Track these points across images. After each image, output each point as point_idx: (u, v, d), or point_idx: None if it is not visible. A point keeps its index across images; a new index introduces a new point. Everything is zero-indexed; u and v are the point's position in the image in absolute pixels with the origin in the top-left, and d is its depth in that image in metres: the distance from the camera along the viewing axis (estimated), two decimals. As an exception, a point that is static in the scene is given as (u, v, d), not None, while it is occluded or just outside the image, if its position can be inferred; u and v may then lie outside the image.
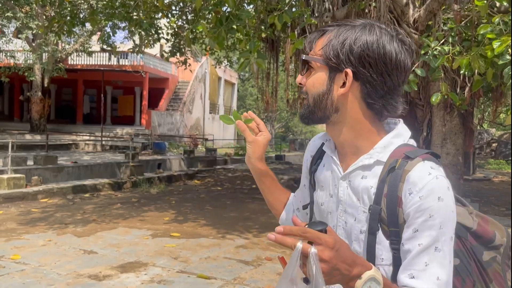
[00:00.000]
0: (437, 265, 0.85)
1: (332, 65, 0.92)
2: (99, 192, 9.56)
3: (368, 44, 0.90)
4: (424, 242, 0.86)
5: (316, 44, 0.95)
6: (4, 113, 25.56)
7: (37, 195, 8.41)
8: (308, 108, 0.97)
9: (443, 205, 0.86)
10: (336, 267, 0.77)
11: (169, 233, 6.16)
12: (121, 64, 21.34)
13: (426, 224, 0.86)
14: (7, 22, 13.81)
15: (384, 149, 0.93)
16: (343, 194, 0.97)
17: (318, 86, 0.94)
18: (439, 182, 0.87)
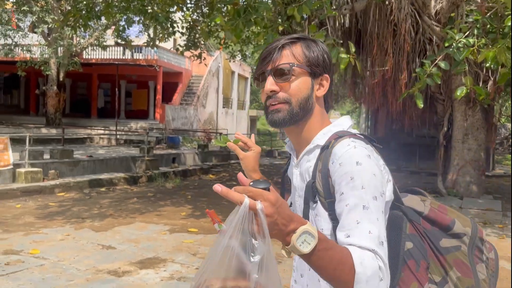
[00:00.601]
0: (367, 221, 0.92)
1: (316, 71, 1.07)
2: (115, 186, 9.57)
3: (327, 54, 1.10)
4: (350, 202, 0.94)
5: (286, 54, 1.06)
6: (20, 107, 25.82)
7: (54, 189, 8.44)
8: (292, 112, 1.05)
9: (362, 169, 0.95)
10: (276, 221, 0.81)
11: (186, 229, 6.11)
12: (135, 58, 21.34)
13: (349, 186, 0.95)
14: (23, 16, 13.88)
15: (324, 136, 1.07)
16: (295, 181, 1.12)
17: (304, 91, 1.06)
18: (357, 150, 0.97)
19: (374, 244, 0.90)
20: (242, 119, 31.45)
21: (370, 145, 1.02)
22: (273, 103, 1.07)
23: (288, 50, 1.07)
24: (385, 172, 1.02)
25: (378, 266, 0.88)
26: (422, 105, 5.89)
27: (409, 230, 1.04)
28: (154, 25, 11.29)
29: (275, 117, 1.06)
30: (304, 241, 0.83)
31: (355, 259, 0.87)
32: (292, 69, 1.05)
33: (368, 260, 0.88)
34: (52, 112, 18.22)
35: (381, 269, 0.88)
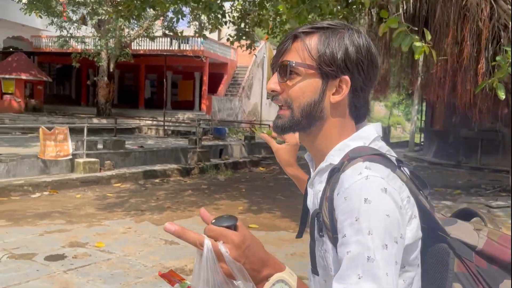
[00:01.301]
0: (370, 278, 0.71)
1: (327, 72, 0.84)
2: (168, 178, 9.55)
3: (361, 48, 0.85)
4: (352, 250, 0.73)
5: (297, 47, 0.86)
6: (72, 97, 26.67)
7: (111, 179, 8.50)
8: (293, 119, 0.86)
9: (371, 208, 0.74)
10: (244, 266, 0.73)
11: (246, 225, 5.91)
12: (182, 49, 21.42)
13: (353, 228, 0.74)
14: (77, 8, 14.13)
15: (338, 152, 0.85)
16: (309, 200, 0.92)
17: (310, 95, 0.86)
18: (369, 182, 0.75)
19: None
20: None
21: (391, 171, 0.79)
22: (278, 104, 0.89)
23: (300, 43, 0.86)
24: (408, 207, 0.79)
25: None
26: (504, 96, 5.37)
27: (457, 268, 0.83)
28: (206, 14, 11.15)
29: (275, 123, 0.89)
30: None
31: None
32: (292, 68, 0.85)
33: None
34: (103, 102, 18.62)
35: None
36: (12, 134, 13.77)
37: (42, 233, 5.14)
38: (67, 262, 4.24)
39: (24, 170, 9.35)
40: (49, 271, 3.98)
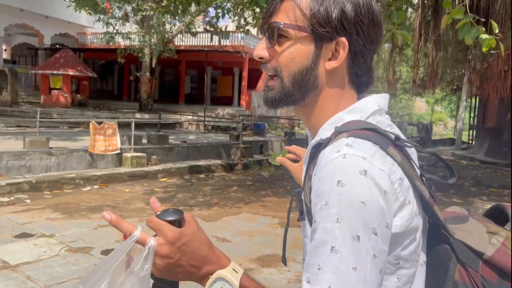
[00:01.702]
0: (331, 270, 0.62)
1: (321, 33, 0.73)
2: (213, 173, 9.54)
3: (360, 6, 0.73)
4: (317, 237, 0.64)
5: (286, 6, 0.75)
6: (114, 93, 27.34)
7: (157, 174, 8.57)
8: (283, 90, 0.77)
9: (343, 192, 0.63)
10: (178, 263, 0.68)
11: (297, 223, 5.77)
12: (222, 44, 21.46)
13: (321, 214, 0.64)
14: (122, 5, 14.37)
15: (331, 126, 0.74)
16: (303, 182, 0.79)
17: (301, 60, 0.75)
18: (346, 161, 0.64)
19: None
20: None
21: (379, 148, 0.67)
22: (268, 74, 0.79)
23: (291, 1, 0.75)
24: (400, 191, 0.67)
25: None
26: None
27: (459, 276, 0.71)
28: (251, 9, 11.05)
29: (265, 96, 0.80)
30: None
31: None
32: (281, 30, 0.75)
33: None
34: (145, 97, 18.92)
35: None
36: (60, 128, 14.22)
37: (96, 226, 5.20)
38: (123, 257, 4.24)
39: (73, 164, 9.60)
40: None
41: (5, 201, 6.14)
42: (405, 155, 0.71)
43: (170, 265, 0.68)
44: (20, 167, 8.70)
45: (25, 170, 8.76)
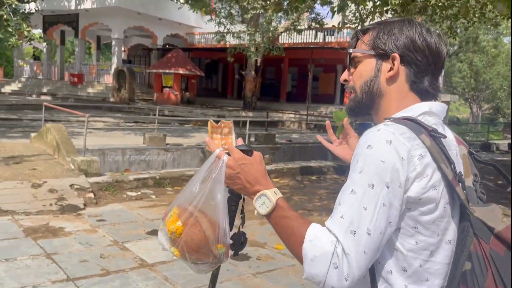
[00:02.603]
0: (346, 205, 0.85)
1: (379, 52, 0.99)
2: (324, 175, 9.20)
3: (411, 34, 0.98)
4: (345, 185, 0.89)
5: (360, 41, 1.02)
6: (218, 91, 28.27)
7: (270, 174, 8.41)
8: (356, 99, 1.02)
9: (369, 152, 0.87)
10: (238, 176, 0.98)
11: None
12: (327, 41, 20.94)
13: (352, 167, 0.89)
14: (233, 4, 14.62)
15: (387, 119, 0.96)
16: None
17: (366, 74, 1.00)
18: (379, 132, 0.88)
19: (340, 230, 0.84)
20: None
21: (413, 132, 0.88)
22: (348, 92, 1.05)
23: (364, 36, 1.03)
24: (418, 164, 0.86)
25: (333, 251, 0.83)
26: None
27: (473, 247, 0.87)
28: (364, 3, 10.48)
29: (346, 107, 1.07)
30: (263, 203, 0.95)
31: (307, 234, 0.86)
32: (354, 56, 1.03)
33: (322, 241, 0.84)
34: (249, 96, 19.17)
35: (337, 256, 0.82)
36: (171, 125, 14.95)
37: (219, 227, 5.16)
38: (253, 264, 4.10)
39: (187, 160, 9.93)
40: (239, 273, 3.87)
41: (133, 196, 6.43)
42: (437, 144, 0.88)
43: (232, 175, 0.97)
44: (140, 162, 9.19)
45: (144, 165, 9.24)
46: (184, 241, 1.00)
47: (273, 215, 0.94)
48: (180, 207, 1.03)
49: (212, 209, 1.00)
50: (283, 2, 9.78)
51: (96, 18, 22.37)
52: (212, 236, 1.00)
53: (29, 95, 22.50)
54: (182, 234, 1.00)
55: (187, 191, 1.02)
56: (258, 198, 0.96)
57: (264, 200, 0.95)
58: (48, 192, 5.62)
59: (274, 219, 0.94)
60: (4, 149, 7.35)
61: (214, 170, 0.99)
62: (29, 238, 4.33)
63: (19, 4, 12.36)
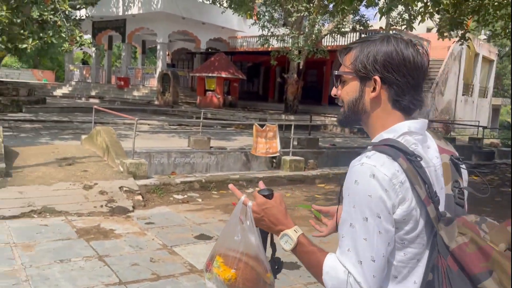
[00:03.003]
0: (349, 238, 1.01)
1: (361, 75, 1.10)
2: (371, 182, 8.92)
3: (388, 53, 1.07)
4: (343, 217, 1.04)
5: (344, 60, 1.13)
6: (259, 94, 28.29)
7: (315, 179, 8.30)
8: (344, 114, 1.15)
9: (357, 188, 1.00)
10: (262, 218, 1.15)
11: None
12: (371, 43, 20.43)
13: (345, 202, 1.04)
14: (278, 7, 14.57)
15: (375, 141, 1.09)
16: None
17: (352, 94, 1.12)
18: (362, 168, 1.00)
19: (349, 262, 0.99)
20: (483, 108, 27.29)
21: (391, 159, 1.01)
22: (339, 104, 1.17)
23: (346, 56, 1.13)
24: (400, 190, 0.99)
25: (347, 280, 0.99)
26: None
27: (437, 261, 1.01)
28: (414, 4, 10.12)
29: (337, 119, 1.21)
30: (286, 241, 1.11)
31: (324, 267, 1.03)
32: (338, 76, 1.14)
33: (337, 273, 1.01)
34: (291, 99, 19.03)
35: (351, 285, 0.98)
36: (213, 128, 15.06)
37: (267, 233, 5.07)
38: (304, 273, 3.97)
39: (230, 163, 9.92)
40: (290, 282, 3.76)
41: (180, 199, 6.46)
42: (413, 167, 1.01)
43: (258, 218, 1.16)
44: (185, 164, 9.27)
45: (189, 168, 9.31)
46: (242, 283, 1.17)
47: (296, 250, 1.09)
48: (223, 256, 1.19)
49: (253, 248, 1.17)
50: (329, 5, 9.55)
51: (142, 23, 22.97)
52: (261, 270, 1.18)
53: (79, 98, 23.40)
54: (238, 278, 1.17)
55: (225, 240, 1.20)
56: (281, 237, 1.11)
57: (287, 239, 1.10)
58: (98, 194, 5.74)
59: (297, 254, 1.10)
60: (57, 151, 7.60)
61: (245, 215, 1.16)
62: (82, 239, 4.41)
63: (71, 10, 12.86)
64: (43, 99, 17.30)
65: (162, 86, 20.60)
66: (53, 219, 4.97)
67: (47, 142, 9.11)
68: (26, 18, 11.31)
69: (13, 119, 12.78)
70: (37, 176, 5.97)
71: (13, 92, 15.88)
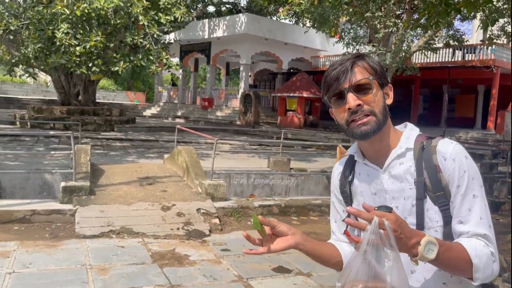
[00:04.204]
0: (477, 208, 1.13)
1: (384, 81, 1.23)
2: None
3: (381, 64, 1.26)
4: (463, 192, 1.14)
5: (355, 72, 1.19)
6: (341, 114, 27.49)
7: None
8: (378, 122, 1.19)
9: (470, 162, 1.17)
10: (400, 236, 1.03)
11: None
12: (466, 59, 18.88)
13: (463, 178, 1.15)
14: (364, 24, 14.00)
15: (408, 139, 1.25)
16: (387, 184, 1.25)
17: (381, 101, 1.21)
18: (460, 147, 1.19)
19: (485, 228, 1.12)
20: None
21: None
22: (359, 117, 1.18)
23: (359, 67, 1.19)
24: None
25: (490, 252, 1.10)
26: None
27: None
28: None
29: (364, 130, 1.18)
30: (428, 249, 1.05)
31: (470, 253, 1.09)
32: (372, 82, 1.18)
33: (481, 250, 1.10)
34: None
35: (492, 254, 1.11)
36: (294, 148, 14.69)
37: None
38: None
39: (311, 186, 9.45)
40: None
41: (258, 224, 6.13)
42: None
43: (397, 237, 1.03)
44: (264, 186, 8.97)
45: (268, 189, 9.00)
46: None
47: (439, 254, 1.05)
48: None
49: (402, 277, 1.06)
50: (421, 18, 8.83)
51: (226, 45, 23.58)
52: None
53: (166, 118, 24.49)
54: None
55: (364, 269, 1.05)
56: (425, 247, 1.05)
57: (430, 246, 1.05)
58: (176, 216, 5.60)
59: (440, 257, 1.06)
60: (140, 169, 7.72)
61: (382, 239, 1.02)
62: (156, 265, 4.22)
63: (160, 34, 13.44)
64: (133, 119, 18.27)
65: (244, 106, 20.79)
66: (130, 240, 4.88)
67: (133, 160, 9.38)
68: (119, 42, 12.01)
69: (105, 137, 13.54)
70: (119, 195, 6.01)
71: (107, 113, 16.96)
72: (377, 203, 1.20)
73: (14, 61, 13.39)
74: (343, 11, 12.74)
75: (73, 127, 13.76)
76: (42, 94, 29.43)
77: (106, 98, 33.68)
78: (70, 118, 15.33)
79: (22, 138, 11.90)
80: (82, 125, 13.44)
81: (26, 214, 5.27)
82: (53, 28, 10.19)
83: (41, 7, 10.47)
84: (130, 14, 10.77)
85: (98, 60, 11.31)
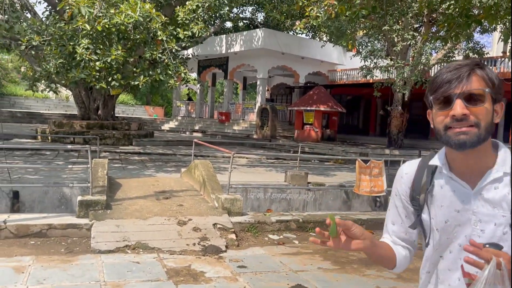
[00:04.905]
0: None
1: (498, 97, 1.14)
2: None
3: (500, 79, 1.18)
4: None
5: (472, 80, 1.12)
6: (359, 127, 27.23)
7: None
8: (480, 136, 1.11)
9: None
10: None
11: None
12: (487, 71, 18.53)
13: None
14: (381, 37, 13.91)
15: (504, 162, 1.17)
16: (477, 206, 1.18)
17: (490, 115, 1.13)
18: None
19: None
20: None
21: None
22: (460, 126, 1.11)
23: (477, 75, 1.12)
24: None
25: None
26: None
27: None
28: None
29: (462, 139, 1.11)
30: None
31: None
32: (486, 95, 1.11)
33: None
34: (395, 133, 17.82)
35: None
36: (311, 162, 14.54)
37: (374, 287, 4.36)
38: None
39: (329, 200, 9.30)
40: None
41: (275, 239, 6.01)
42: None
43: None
44: (281, 200, 8.86)
45: (285, 203, 8.88)
46: None
47: None
48: None
49: None
50: (440, 30, 8.70)
51: (243, 60, 23.71)
52: None
53: (183, 132, 24.64)
54: None
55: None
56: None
57: None
58: (192, 231, 5.54)
59: None
60: (157, 183, 7.70)
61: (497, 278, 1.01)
62: (171, 281, 4.14)
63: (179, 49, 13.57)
64: (151, 133, 18.41)
65: (261, 120, 20.77)
66: (145, 255, 4.82)
67: (151, 174, 9.39)
68: (138, 57, 12.16)
69: (124, 151, 13.64)
70: (135, 210, 5.98)
71: (126, 127, 17.14)
72: (458, 221, 1.19)
73: (36, 76, 13.68)
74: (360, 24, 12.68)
75: (92, 141, 13.93)
76: (64, 109, 30.00)
77: (125, 112, 34.15)
78: (89, 132, 15.54)
79: (42, 152, 12.07)
80: (101, 139, 13.58)
81: (43, 228, 5.28)
82: (74, 44, 10.38)
83: (63, 24, 10.70)
84: (149, 29, 10.91)
85: (118, 75, 11.46)
